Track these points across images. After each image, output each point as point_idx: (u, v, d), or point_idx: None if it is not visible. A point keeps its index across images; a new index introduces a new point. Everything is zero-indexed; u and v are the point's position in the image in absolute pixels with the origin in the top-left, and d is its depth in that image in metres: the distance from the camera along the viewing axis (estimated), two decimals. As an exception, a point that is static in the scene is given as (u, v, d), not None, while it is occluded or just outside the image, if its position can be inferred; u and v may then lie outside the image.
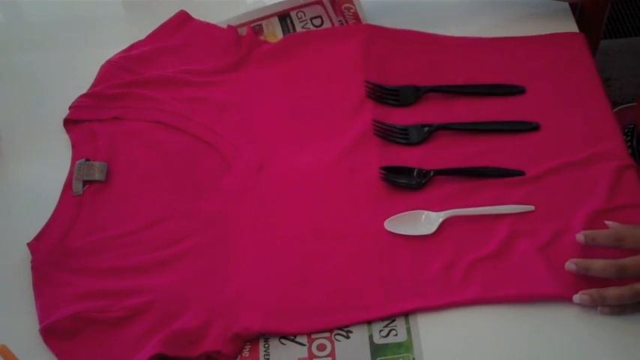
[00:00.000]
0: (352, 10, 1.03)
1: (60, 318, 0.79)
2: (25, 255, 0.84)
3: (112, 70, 1.00)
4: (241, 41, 1.02)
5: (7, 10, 1.15)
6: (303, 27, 1.04)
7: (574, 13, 1.05)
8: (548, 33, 1.00)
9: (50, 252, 0.84)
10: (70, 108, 0.97)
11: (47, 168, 0.93)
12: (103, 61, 1.01)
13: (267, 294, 0.80)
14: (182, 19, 1.05)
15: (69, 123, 0.96)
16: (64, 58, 1.05)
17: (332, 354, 0.77)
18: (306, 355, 0.77)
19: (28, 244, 0.85)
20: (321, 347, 0.77)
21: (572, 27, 1.03)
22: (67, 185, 0.90)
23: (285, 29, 1.04)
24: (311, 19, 1.04)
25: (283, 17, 1.04)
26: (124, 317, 0.79)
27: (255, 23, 1.04)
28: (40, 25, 1.11)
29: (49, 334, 0.79)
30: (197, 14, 1.06)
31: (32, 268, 0.83)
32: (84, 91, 0.98)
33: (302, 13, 1.04)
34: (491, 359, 0.76)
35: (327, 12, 1.04)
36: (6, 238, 0.87)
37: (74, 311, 0.79)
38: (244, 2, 1.14)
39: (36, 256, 0.84)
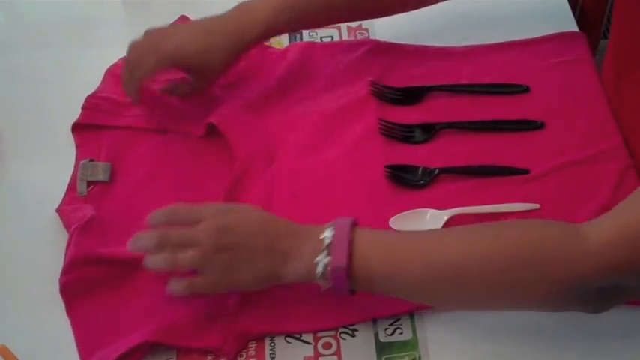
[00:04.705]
0: (365, 35, 1.04)
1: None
2: (25, 256, 0.84)
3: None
4: None
5: (7, 10, 1.15)
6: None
7: (574, 13, 1.05)
8: (548, 33, 1.01)
9: None
10: (83, 109, 0.95)
11: (48, 168, 0.93)
12: (103, 61, 1.01)
13: (272, 292, 0.80)
14: None
15: (79, 126, 0.94)
16: (64, 58, 1.04)
17: (338, 352, 0.77)
18: (311, 353, 0.77)
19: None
20: (327, 345, 0.77)
21: (572, 27, 1.03)
22: (72, 186, 0.89)
23: (291, 40, 1.05)
24: (321, 38, 1.05)
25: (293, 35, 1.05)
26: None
27: None
28: (40, 25, 1.11)
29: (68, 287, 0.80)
30: (197, 15, 1.06)
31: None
32: (85, 90, 0.97)
33: (314, 32, 1.05)
34: (497, 357, 0.76)
35: (340, 34, 1.05)
36: (7, 238, 0.87)
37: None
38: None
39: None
